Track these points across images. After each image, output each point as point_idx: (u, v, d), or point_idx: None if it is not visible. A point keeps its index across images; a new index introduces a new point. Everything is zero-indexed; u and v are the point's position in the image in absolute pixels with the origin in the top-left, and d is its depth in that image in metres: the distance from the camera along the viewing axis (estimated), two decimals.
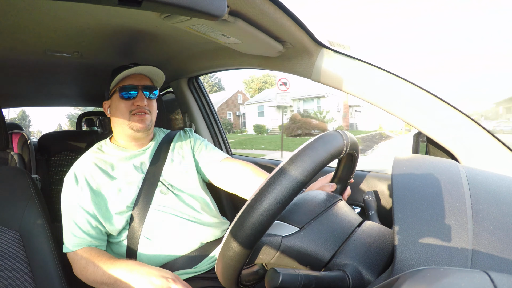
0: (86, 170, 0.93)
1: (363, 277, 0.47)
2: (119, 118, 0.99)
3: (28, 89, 1.80)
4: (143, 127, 0.98)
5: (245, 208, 0.42)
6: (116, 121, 1.01)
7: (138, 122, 0.98)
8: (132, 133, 0.99)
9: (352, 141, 0.54)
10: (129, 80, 0.99)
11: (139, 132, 0.99)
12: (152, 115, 1.02)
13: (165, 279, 0.73)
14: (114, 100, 1.00)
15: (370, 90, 0.81)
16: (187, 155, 1.08)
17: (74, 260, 0.87)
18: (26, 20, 0.82)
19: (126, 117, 0.98)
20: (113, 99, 1.01)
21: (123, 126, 0.99)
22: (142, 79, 1.01)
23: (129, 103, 0.98)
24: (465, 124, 0.73)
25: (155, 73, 1.02)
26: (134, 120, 0.98)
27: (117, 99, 0.99)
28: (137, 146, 1.04)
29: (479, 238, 0.38)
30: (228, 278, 0.47)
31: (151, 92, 1.01)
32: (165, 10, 0.43)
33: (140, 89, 0.98)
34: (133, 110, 0.98)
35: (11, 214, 0.86)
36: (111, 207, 0.90)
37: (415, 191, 0.44)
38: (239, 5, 0.66)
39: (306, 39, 0.82)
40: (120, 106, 0.98)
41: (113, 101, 1.01)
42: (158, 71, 1.01)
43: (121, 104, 0.98)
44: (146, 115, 0.99)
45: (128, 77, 0.99)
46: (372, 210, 0.75)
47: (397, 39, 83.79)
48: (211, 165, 1.07)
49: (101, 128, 4.25)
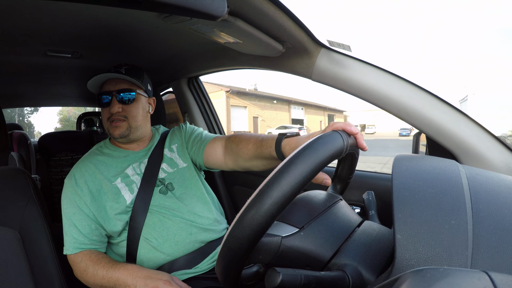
0: (86, 172, 0.93)
1: (363, 277, 0.47)
2: (104, 124, 0.99)
3: (28, 89, 1.80)
4: (118, 135, 0.96)
5: (244, 208, 0.42)
6: None
7: (113, 130, 0.96)
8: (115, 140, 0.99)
9: (351, 142, 0.54)
10: (106, 85, 0.97)
11: (118, 138, 0.97)
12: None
13: (160, 281, 0.75)
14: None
15: (370, 90, 0.81)
16: (182, 149, 1.07)
17: (74, 263, 0.87)
18: (26, 20, 0.82)
19: (106, 124, 0.98)
20: None
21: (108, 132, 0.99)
22: (117, 83, 0.96)
23: (106, 111, 0.96)
24: (465, 124, 0.73)
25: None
26: (111, 128, 0.96)
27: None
28: (136, 147, 1.03)
29: (479, 238, 0.38)
30: (228, 278, 0.47)
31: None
32: (165, 10, 0.43)
33: (114, 94, 0.94)
34: (109, 117, 0.96)
35: (11, 214, 0.86)
36: (111, 209, 0.90)
37: (415, 191, 0.44)
38: (239, 5, 0.66)
39: (306, 39, 0.82)
40: (102, 112, 0.98)
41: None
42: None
43: (102, 111, 0.98)
44: (122, 122, 0.95)
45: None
46: (372, 210, 0.75)
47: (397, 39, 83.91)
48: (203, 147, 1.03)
49: (101, 128, 4.26)
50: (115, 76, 0.95)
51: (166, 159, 1.03)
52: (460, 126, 0.73)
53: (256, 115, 23.60)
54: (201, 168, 1.08)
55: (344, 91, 0.86)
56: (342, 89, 0.85)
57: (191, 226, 0.93)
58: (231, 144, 0.96)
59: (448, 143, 0.75)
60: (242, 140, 0.93)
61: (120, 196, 0.92)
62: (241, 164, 0.95)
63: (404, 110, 0.78)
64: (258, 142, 0.87)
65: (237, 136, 0.97)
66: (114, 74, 0.94)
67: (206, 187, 1.07)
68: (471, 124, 0.73)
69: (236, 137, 0.96)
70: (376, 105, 0.83)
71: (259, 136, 0.89)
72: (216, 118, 1.65)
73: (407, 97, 0.77)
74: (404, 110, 0.78)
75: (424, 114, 0.76)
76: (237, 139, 0.95)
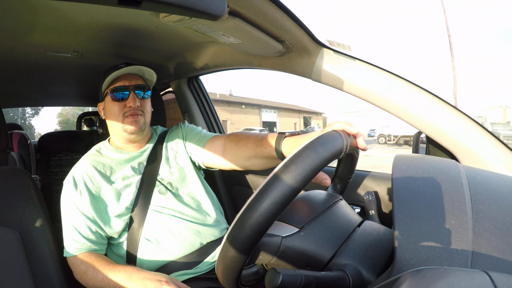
0: (85, 173, 0.92)
1: (363, 277, 0.47)
2: (113, 120, 0.98)
3: (28, 89, 1.80)
4: (136, 129, 0.96)
5: (245, 208, 0.42)
6: (111, 124, 1.00)
7: (131, 124, 0.96)
8: (127, 135, 0.98)
9: (351, 142, 0.54)
10: (120, 80, 0.96)
11: (133, 134, 0.97)
12: (145, 115, 0.99)
13: (158, 282, 0.74)
14: (107, 102, 0.99)
15: (370, 90, 0.81)
16: (181, 149, 1.06)
17: (74, 265, 0.87)
18: (26, 20, 0.82)
19: (119, 119, 0.96)
20: (106, 101, 0.99)
21: (118, 129, 0.98)
22: (133, 79, 0.98)
23: (122, 105, 0.96)
24: (465, 124, 0.73)
25: (147, 72, 1.00)
26: (127, 122, 0.96)
27: (109, 101, 0.97)
28: (135, 148, 1.03)
29: (479, 238, 0.38)
30: (228, 279, 0.47)
31: (144, 92, 0.99)
32: (165, 10, 0.43)
33: (131, 89, 0.96)
34: (126, 112, 0.96)
35: (11, 214, 0.86)
36: (111, 211, 0.90)
37: (415, 191, 0.44)
38: (239, 5, 0.66)
39: (306, 39, 0.82)
40: (113, 108, 0.96)
41: (106, 103, 0.99)
42: (149, 70, 0.99)
43: (114, 106, 0.96)
44: (139, 116, 0.97)
45: (120, 78, 0.97)
46: (372, 210, 0.75)
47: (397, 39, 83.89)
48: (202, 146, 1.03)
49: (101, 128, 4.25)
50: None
51: (165, 159, 1.02)
52: (460, 126, 0.73)
53: (225, 119, 24.07)
54: (201, 168, 1.08)
55: (344, 91, 0.86)
56: (342, 89, 0.85)
57: (191, 226, 0.93)
58: (230, 143, 0.96)
59: (448, 143, 0.75)
60: (242, 139, 0.93)
61: (120, 197, 0.92)
62: (240, 163, 0.95)
63: (404, 110, 0.78)
64: (258, 141, 0.88)
65: (236, 135, 0.97)
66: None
67: (205, 187, 1.06)
68: (471, 124, 0.73)
69: (236, 136, 0.96)
70: (376, 105, 0.83)
71: (259, 135, 0.89)
72: (216, 118, 1.65)
73: (407, 97, 0.77)
74: (404, 110, 0.78)
75: (424, 114, 0.76)
76: (237, 138, 0.95)
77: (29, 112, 35.14)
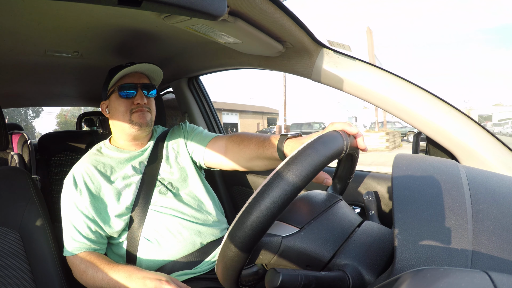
0: (85, 173, 0.92)
1: (363, 277, 0.47)
2: (119, 117, 0.98)
3: (28, 89, 1.80)
4: (144, 123, 0.98)
5: (245, 208, 0.42)
6: (116, 121, 1.00)
7: (140, 118, 0.97)
8: (133, 132, 0.98)
9: (351, 142, 0.54)
10: (127, 79, 0.98)
11: (141, 129, 0.98)
12: (152, 113, 1.02)
13: (158, 281, 0.75)
14: (112, 100, 1.00)
15: (370, 90, 0.81)
16: (182, 148, 1.06)
17: (73, 264, 0.87)
18: (26, 20, 0.82)
19: (126, 116, 0.97)
20: (111, 99, 1.00)
21: (124, 126, 0.98)
22: (140, 78, 1.00)
23: (129, 102, 0.97)
24: (465, 124, 0.73)
25: (153, 70, 1.01)
26: (135, 118, 0.97)
27: (116, 98, 0.98)
28: (136, 147, 1.03)
29: (479, 238, 0.38)
30: (228, 279, 0.47)
31: (149, 91, 1.01)
32: (165, 10, 0.43)
33: (139, 87, 0.98)
34: (133, 109, 0.97)
35: (11, 214, 0.86)
36: (111, 210, 0.90)
37: (415, 191, 0.44)
38: (239, 5, 0.66)
39: (306, 39, 0.82)
40: (120, 105, 0.97)
41: (112, 101, 1.00)
42: (157, 68, 1.01)
43: (121, 104, 0.97)
44: (147, 113, 0.99)
45: (126, 76, 0.98)
46: (372, 210, 0.75)
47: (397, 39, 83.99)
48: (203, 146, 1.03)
49: (101, 128, 4.25)
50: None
51: (165, 159, 1.02)
52: (460, 126, 0.73)
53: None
54: (201, 167, 1.08)
55: (344, 91, 0.86)
56: (342, 89, 0.85)
57: (191, 226, 0.93)
58: (232, 143, 0.96)
59: (448, 143, 0.75)
60: (244, 140, 0.93)
61: (120, 196, 0.92)
62: (242, 163, 0.95)
63: (404, 110, 0.78)
64: (260, 142, 0.88)
65: (239, 136, 0.97)
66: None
67: (206, 187, 1.06)
68: (471, 124, 0.73)
69: (238, 137, 0.96)
70: (376, 105, 0.83)
71: (261, 136, 0.89)
72: (216, 118, 1.65)
73: (407, 97, 0.77)
74: (404, 110, 0.78)
75: (424, 114, 0.76)
76: (239, 139, 0.95)
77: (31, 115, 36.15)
